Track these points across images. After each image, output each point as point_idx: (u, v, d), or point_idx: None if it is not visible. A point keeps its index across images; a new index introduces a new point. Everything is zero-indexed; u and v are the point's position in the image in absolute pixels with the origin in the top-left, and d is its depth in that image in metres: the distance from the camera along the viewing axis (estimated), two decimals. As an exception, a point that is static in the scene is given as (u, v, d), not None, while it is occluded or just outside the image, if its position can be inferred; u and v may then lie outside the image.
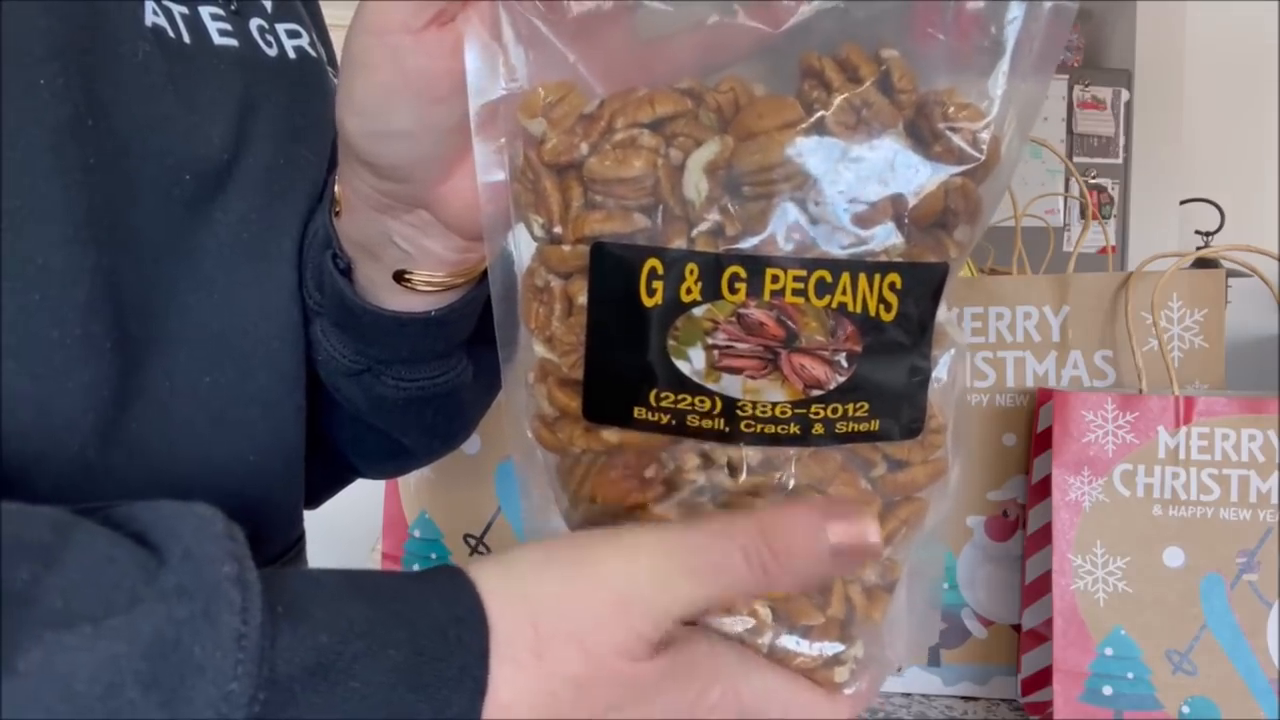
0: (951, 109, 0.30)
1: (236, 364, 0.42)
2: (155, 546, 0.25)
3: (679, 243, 0.30)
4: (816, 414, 0.30)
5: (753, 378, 0.30)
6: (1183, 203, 2.99)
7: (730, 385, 0.30)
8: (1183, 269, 0.68)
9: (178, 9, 0.41)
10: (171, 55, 0.40)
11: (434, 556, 0.74)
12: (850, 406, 0.30)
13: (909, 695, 0.71)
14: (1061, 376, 0.70)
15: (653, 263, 0.29)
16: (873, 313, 0.30)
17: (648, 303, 0.30)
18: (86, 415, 0.35)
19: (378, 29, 0.32)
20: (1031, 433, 0.68)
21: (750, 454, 0.31)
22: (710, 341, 0.30)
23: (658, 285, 0.30)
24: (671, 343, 0.30)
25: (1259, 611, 0.61)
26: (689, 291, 0.29)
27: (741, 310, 0.29)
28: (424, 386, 0.46)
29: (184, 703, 0.23)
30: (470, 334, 0.46)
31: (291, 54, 0.46)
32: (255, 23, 0.44)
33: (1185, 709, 0.61)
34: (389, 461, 0.55)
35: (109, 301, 0.36)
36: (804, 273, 0.29)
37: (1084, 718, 0.62)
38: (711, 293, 0.29)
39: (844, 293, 0.29)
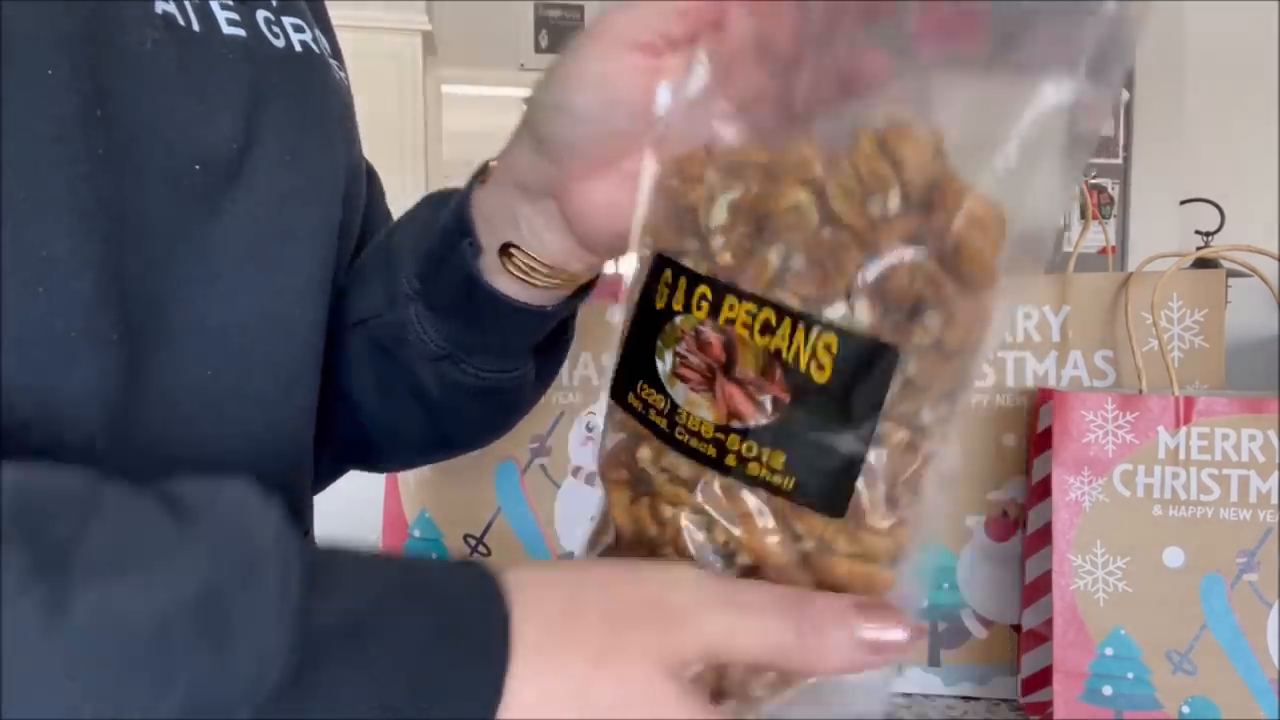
0: (949, 198, 0.30)
1: (235, 361, 0.42)
2: (188, 505, 0.26)
3: (688, 261, 0.32)
4: (732, 445, 0.31)
5: (695, 390, 0.32)
6: (1183, 203, 2.99)
7: (678, 392, 0.32)
8: (1183, 269, 0.68)
9: None
10: (181, 42, 0.39)
11: (434, 556, 0.74)
12: (766, 451, 0.31)
13: (909, 695, 0.71)
14: (1061, 376, 0.70)
15: (667, 273, 0.33)
16: (803, 367, 0.30)
17: (658, 305, 0.33)
18: (91, 408, 0.35)
19: (607, 32, 0.37)
20: (1031, 433, 0.68)
21: (680, 464, 0.33)
22: (677, 349, 0.32)
23: (664, 292, 0.33)
24: (658, 344, 0.33)
25: (1259, 611, 0.61)
26: (678, 301, 0.32)
27: (700, 327, 0.32)
28: (499, 379, 0.48)
29: (228, 651, 0.24)
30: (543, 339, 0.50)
31: (297, 47, 0.46)
32: (261, 14, 0.44)
33: (1185, 709, 0.61)
34: (429, 452, 0.58)
35: (115, 293, 0.36)
36: (754, 308, 0.31)
37: (1084, 718, 0.62)
38: (686, 306, 0.32)
39: (783, 339, 0.30)
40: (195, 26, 0.40)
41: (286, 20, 0.46)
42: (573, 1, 4.58)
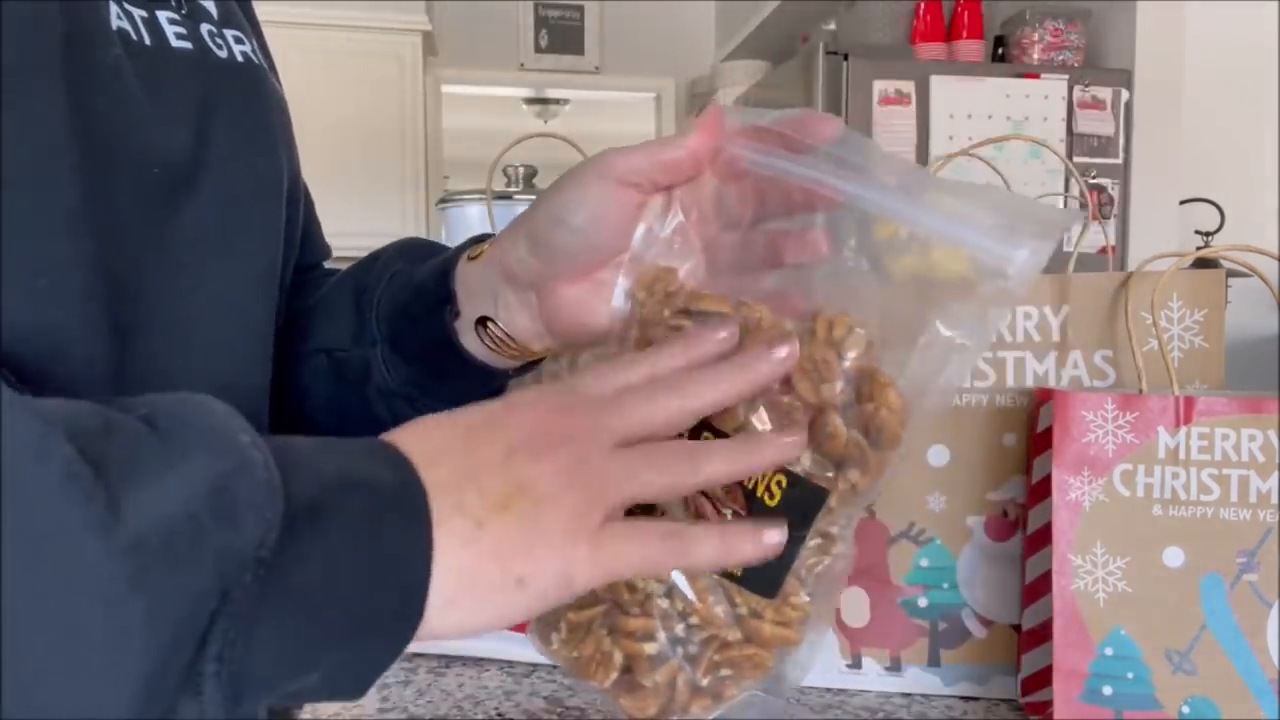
0: (876, 392, 0.40)
1: (198, 347, 0.46)
2: (167, 422, 0.31)
3: None
4: None
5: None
6: (1183, 203, 2.99)
7: None
8: (1183, 269, 0.68)
9: (137, 12, 0.44)
10: (135, 57, 0.43)
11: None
12: None
13: (909, 695, 0.71)
14: (1061, 376, 0.70)
15: None
16: (759, 494, 0.41)
17: None
18: (87, 394, 0.40)
19: (606, 168, 0.45)
20: (1031, 433, 0.68)
21: None
22: None
23: None
24: None
25: (1259, 611, 0.61)
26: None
27: None
28: None
29: (239, 524, 0.30)
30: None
31: (239, 58, 0.50)
32: (205, 27, 0.48)
33: (1185, 709, 0.61)
34: None
35: (102, 288, 0.40)
36: None
37: (1084, 718, 0.62)
38: None
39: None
40: (147, 41, 0.44)
41: (228, 32, 0.50)
42: (573, 1, 4.58)
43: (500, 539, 0.35)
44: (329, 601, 0.32)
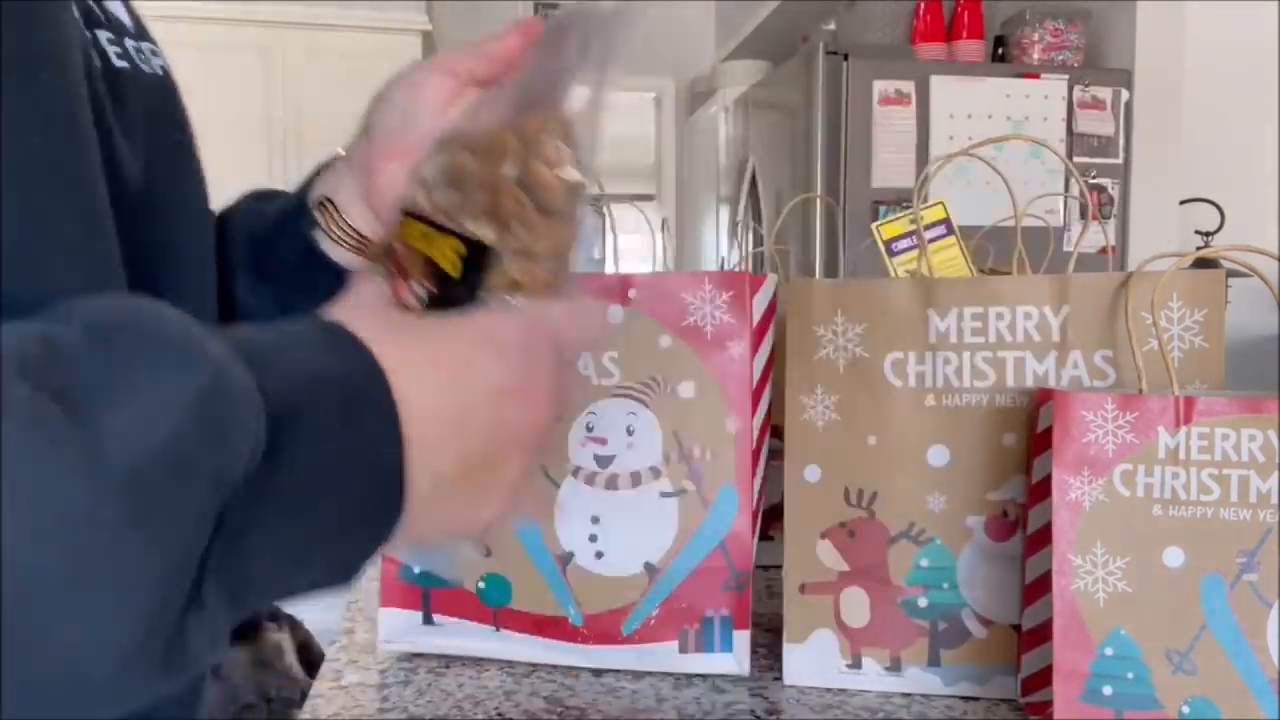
0: (537, 151, 0.46)
1: None
2: (110, 332, 0.30)
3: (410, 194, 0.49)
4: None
5: (389, 280, 0.49)
6: (1183, 203, 2.99)
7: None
8: (1183, 269, 0.68)
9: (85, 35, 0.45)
10: (100, 80, 0.44)
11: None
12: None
13: (909, 695, 0.71)
14: (1061, 376, 0.70)
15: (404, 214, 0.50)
16: (446, 268, 0.47)
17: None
18: None
19: (431, 60, 0.53)
20: (1031, 433, 0.68)
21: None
22: (393, 243, 0.50)
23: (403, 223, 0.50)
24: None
25: (1259, 611, 0.61)
26: (400, 216, 0.50)
27: (394, 243, 0.49)
28: None
29: (229, 439, 0.30)
30: None
31: (159, 71, 0.51)
32: (130, 44, 0.49)
33: (1185, 709, 0.61)
34: None
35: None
36: (424, 226, 0.47)
37: (1084, 718, 0.62)
38: (397, 234, 0.50)
39: (436, 250, 0.47)
40: (97, 63, 0.45)
41: (144, 45, 0.51)
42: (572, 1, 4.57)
43: (448, 508, 0.40)
44: (315, 501, 0.34)
